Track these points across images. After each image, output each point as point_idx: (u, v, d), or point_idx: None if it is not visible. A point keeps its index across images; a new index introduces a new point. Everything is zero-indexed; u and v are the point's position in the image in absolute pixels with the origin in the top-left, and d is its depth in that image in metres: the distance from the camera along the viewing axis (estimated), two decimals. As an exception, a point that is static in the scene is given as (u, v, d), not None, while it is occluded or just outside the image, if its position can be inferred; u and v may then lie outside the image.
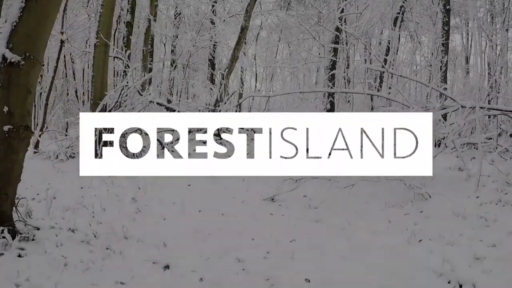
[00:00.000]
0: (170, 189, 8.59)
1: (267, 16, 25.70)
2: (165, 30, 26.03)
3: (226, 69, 15.61)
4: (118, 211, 6.73)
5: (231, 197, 8.12)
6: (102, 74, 12.00)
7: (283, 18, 23.71)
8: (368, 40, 15.82)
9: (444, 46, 14.78)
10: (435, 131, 8.74)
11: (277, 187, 9.01)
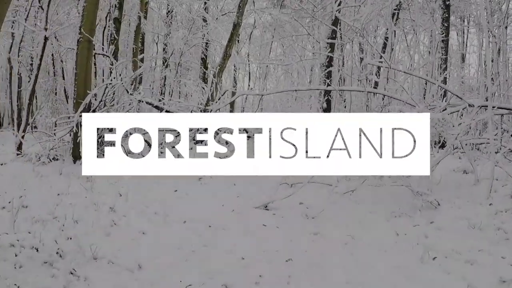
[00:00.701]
0: (154, 195, 7.69)
1: (261, 15, 24.78)
2: (157, 29, 25.07)
3: (218, 67, 14.70)
4: (92, 224, 5.82)
5: (220, 204, 7.23)
6: (85, 72, 11.07)
7: (277, 16, 22.79)
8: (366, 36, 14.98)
9: (444, 43, 13.98)
10: (444, 132, 7.91)
11: (271, 192, 8.13)
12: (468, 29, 24.05)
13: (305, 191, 8.18)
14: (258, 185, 8.69)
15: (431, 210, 6.82)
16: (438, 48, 13.95)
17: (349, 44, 14.30)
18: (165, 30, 22.44)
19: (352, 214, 6.73)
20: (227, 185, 8.72)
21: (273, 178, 9.38)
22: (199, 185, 8.70)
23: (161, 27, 24.45)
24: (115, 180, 8.55)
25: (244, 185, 8.74)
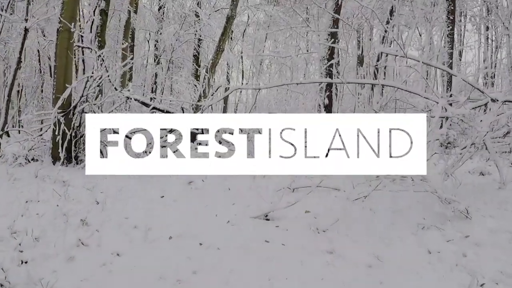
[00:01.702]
0: (137, 202, 6.41)
1: (255, 12, 23.53)
2: (149, 26, 23.72)
3: (210, 62, 13.45)
4: (55, 243, 4.54)
5: (213, 214, 5.96)
6: (65, 64, 9.75)
7: (271, 13, 21.56)
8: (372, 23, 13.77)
9: (449, 37, 12.84)
10: (467, 129, 6.73)
11: (271, 198, 6.90)
12: (465, 26, 22.93)
13: (310, 196, 6.96)
14: (255, 190, 7.44)
15: (461, 221, 5.60)
16: (443, 42, 12.75)
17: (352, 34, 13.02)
18: (157, 26, 21.09)
19: (370, 227, 5.49)
20: (221, 190, 7.46)
21: (272, 181, 8.18)
22: (190, 190, 7.42)
23: (152, 24, 23.10)
24: (93, 185, 7.26)
25: (240, 190, 7.49)
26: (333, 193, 7.23)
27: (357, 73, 13.96)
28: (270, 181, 8.21)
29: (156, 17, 21.80)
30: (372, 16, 11.94)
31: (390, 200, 6.61)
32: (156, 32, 21.78)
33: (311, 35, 20.71)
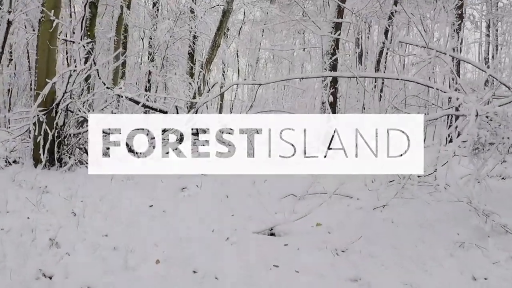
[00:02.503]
0: (119, 214, 5.38)
1: (251, 9, 22.46)
2: (143, 24, 22.61)
3: (205, 58, 12.43)
4: (11, 274, 3.51)
5: (209, 229, 4.92)
6: (47, 57, 8.66)
7: (267, 10, 20.52)
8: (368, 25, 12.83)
9: (457, 32, 11.87)
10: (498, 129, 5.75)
11: (276, 207, 5.90)
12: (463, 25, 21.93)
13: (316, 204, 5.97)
14: (257, 197, 6.43)
15: (502, 236, 4.62)
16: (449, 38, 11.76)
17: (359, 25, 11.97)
18: (151, 24, 20.00)
19: (397, 245, 4.49)
20: (218, 197, 6.43)
21: (275, 186, 7.17)
22: (182, 197, 6.39)
23: (147, 22, 22.00)
24: (73, 192, 6.21)
25: (240, 197, 6.47)
26: (344, 201, 6.23)
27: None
28: (272, 187, 7.20)
29: (150, 13, 20.70)
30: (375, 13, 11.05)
31: (412, 210, 5.62)
32: (150, 29, 20.69)
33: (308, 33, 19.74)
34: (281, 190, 6.86)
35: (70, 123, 8.93)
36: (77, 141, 9.00)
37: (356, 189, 6.86)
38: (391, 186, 6.82)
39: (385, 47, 13.33)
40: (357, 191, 6.62)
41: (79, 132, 8.84)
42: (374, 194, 6.44)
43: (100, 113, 9.25)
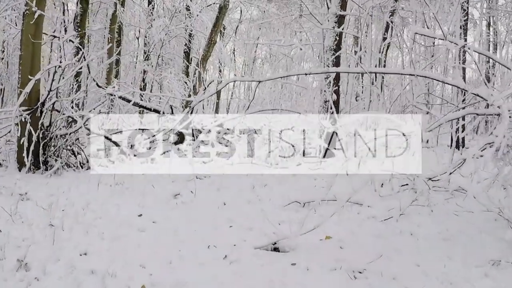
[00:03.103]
0: (103, 226, 4.66)
1: (248, 7, 21.78)
2: (139, 23, 21.85)
3: (201, 55, 11.75)
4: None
5: (204, 244, 4.21)
6: (32, 53, 7.95)
7: (264, 8, 19.84)
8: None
9: (462, 29, 11.24)
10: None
11: (278, 217, 5.22)
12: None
13: (324, 213, 5.31)
14: (257, 205, 5.75)
15: (540, 253, 3.96)
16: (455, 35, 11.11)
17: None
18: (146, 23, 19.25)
19: (421, 262, 3.79)
20: (214, 205, 5.73)
21: (276, 192, 6.49)
22: (175, 205, 5.67)
23: (142, 20, 21.25)
24: (52, 201, 5.49)
25: (238, 205, 5.77)
26: (354, 209, 5.55)
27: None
28: (273, 191, 6.52)
29: (145, 12, 19.96)
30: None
31: (431, 220, 4.94)
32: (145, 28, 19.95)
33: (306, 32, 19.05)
34: (283, 195, 6.18)
35: (57, 123, 8.23)
36: (64, 143, 8.29)
37: (365, 194, 6.18)
38: (404, 192, 6.16)
39: (384, 44, 12.70)
40: (367, 197, 5.93)
41: (66, 133, 8.11)
42: (387, 201, 5.78)
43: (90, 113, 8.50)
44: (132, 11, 22.39)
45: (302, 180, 7.44)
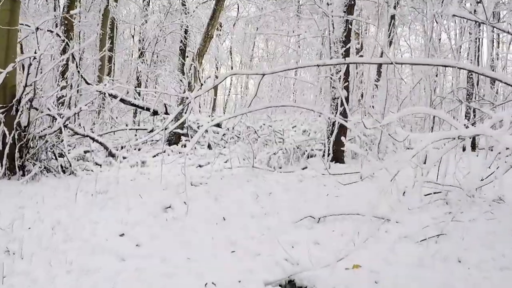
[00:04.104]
0: (74, 251, 3.62)
1: (245, 4, 20.70)
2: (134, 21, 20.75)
3: (197, 50, 10.70)
4: None
5: (201, 281, 3.16)
6: (6, 44, 6.87)
7: (262, 5, 18.77)
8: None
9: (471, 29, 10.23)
10: None
11: (290, 235, 4.19)
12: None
13: (345, 230, 4.31)
14: (263, 220, 4.70)
15: None
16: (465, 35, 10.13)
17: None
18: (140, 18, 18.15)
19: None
20: (211, 221, 4.67)
21: (282, 202, 5.46)
22: (165, 222, 4.60)
23: (137, 18, 20.15)
24: (16, 217, 4.43)
25: (240, 220, 4.71)
26: (380, 225, 4.52)
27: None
28: (280, 202, 5.48)
29: (140, 8, 18.85)
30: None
31: (479, 242, 3.91)
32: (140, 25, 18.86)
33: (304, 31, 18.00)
34: (292, 207, 5.15)
35: (35, 123, 7.16)
36: (44, 144, 7.21)
37: (387, 206, 5.17)
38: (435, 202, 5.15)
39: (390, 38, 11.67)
40: (391, 211, 4.91)
41: (45, 134, 7.04)
42: (416, 215, 4.76)
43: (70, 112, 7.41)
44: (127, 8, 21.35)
45: (310, 187, 6.41)
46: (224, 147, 8.77)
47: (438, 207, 5.08)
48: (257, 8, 21.08)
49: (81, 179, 6.74)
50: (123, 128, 11.02)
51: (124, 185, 6.26)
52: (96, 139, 8.11)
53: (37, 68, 6.48)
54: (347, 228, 4.42)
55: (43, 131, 7.09)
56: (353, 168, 7.43)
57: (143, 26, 17.91)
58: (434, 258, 3.64)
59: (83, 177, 7.00)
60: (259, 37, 24.76)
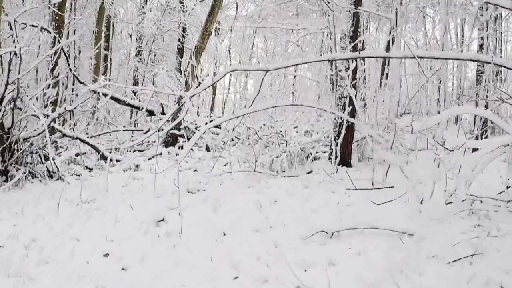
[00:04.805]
0: (47, 277, 3.01)
1: (245, 3, 20.08)
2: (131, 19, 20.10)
3: (195, 46, 10.09)
4: None
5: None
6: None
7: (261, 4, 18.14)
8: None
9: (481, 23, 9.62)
10: None
11: (300, 254, 3.59)
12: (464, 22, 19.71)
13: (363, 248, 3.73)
14: (268, 235, 4.07)
15: None
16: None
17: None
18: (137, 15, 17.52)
19: None
20: (209, 237, 4.02)
21: (289, 213, 4.85)
22: (156, 239, 3.97)
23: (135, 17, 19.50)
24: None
25: (243, 235, 4.07)
26: (401, 240, 3.91)
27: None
28: (286, 213, 4.85)
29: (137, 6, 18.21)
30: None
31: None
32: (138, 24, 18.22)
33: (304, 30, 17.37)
34: (300, 218, 4.54)
35: (20, 124, 6.53)
36: (29, 147, 6.59)
37: (406, 215, 4.57)
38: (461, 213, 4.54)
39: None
40: (412, 221, 4.31)
41: (29, 136, 6.41)
42: (444, 229, 4.15)
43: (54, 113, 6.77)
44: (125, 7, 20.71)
45: (317, 193, 5.78)
46: (222, 148, 8.16)
47: (463, 218, 4.48)
48: (256, 7, 20.48)
49: (68, 186, 6.15)
50: (117, 129, 10.38)
51: (114, 192, 5.64)
52: (86, 141, 7.48)
53: (19, 64, 5.84)
54: (365, 244, 3.82)
55: (27, 133, 6.47)
56: (363, 173, 6.82)
57: (140, 24, 17.29)
58: (472, 283, 3.04)
59: (71, 183, 6.39)
60: (258, 36, 24.18)
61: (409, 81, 15.61)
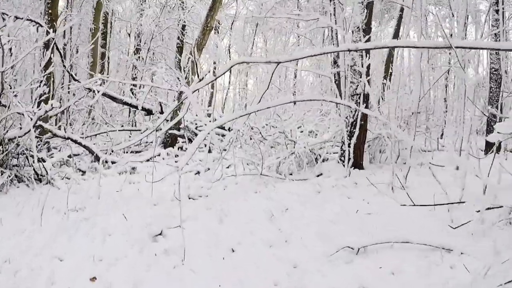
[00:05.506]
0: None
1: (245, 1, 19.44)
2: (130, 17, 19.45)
3: (196, 42, 9.46)
4: None
5: None
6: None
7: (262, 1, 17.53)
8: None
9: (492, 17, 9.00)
10: None
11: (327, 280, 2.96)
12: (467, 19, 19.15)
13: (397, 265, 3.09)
14: (284, 252, 3.45)
15: None
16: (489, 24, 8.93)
17: None
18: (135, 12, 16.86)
19: None
20: (216, 253, 3.41)
21: (305, 223, 4.22)
22: (153, 258, 3.33)
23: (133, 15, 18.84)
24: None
25: (254, 251, 3.45)
26: (439, 257, 3.29)
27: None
28: (302, 225, 4.20)
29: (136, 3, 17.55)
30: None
31: None
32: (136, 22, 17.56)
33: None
34: (318, 231, 3.91)
35: (5, 123, 5.89)
36: (15, 148, 5.94)
37: (436, 227, 3.94)
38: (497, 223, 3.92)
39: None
40: (447, 234, 3.69)
41: (15, 136, 5.76)
42: (482, 242, 3.53)
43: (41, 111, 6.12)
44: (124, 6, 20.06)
45: (331, 199, 5.14)
46: (225, 149, 7.52)
47: (502, 229, 3.86)
48: (256, 6, 19.87)
49: (58, 191, 5.50)
50: (113, 129, 9.74)
51: (106, 198, 5.00)
52: (79, 142, 6.84)
53: (2, 57, 5.19)
54: (397, 261, 3.20)
55: (13, 133, 5.82)
56: (377, 176, 6.17)
57: (139, 21, 16.63)
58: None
59: (60, 188, 5.73)
60: (258, 36, 23.57)
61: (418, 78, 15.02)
